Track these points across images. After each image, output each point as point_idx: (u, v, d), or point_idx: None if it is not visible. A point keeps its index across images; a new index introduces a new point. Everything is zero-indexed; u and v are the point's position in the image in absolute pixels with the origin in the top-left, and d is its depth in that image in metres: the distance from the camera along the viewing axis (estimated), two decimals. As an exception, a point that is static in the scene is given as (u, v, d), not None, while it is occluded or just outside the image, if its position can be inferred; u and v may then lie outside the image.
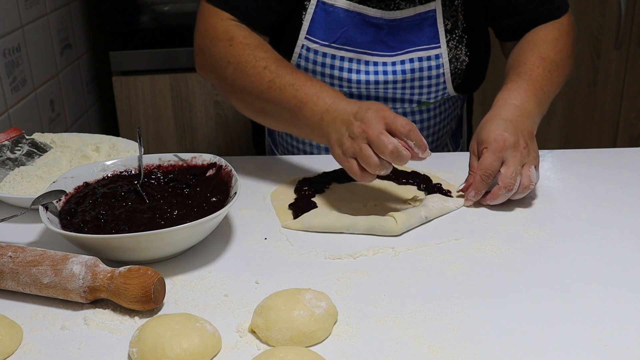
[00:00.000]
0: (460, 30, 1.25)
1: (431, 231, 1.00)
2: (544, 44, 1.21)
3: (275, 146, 1.44)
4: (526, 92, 1.12)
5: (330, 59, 1.24)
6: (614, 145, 2.50)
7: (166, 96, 2.20)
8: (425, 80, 1.26)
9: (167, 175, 1.05)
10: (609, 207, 1.06)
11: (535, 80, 1.14)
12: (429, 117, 1.33)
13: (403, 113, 1.31)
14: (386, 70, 1.25)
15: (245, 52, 1.12)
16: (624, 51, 2.37)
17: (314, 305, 0.77)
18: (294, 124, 1.08)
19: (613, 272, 0.89)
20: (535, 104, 1.12)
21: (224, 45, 1.14)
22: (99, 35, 2.35)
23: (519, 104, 1.10)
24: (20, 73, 1.73)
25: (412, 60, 1.24)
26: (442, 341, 0.76)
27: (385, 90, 1.27)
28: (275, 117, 1.11)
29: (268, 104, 1.09)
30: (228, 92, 1.17)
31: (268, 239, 0.99)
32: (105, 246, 0.87)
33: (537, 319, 0.80)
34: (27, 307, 0.84)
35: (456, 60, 1.26)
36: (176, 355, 0.72)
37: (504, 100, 1.11)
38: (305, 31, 1.23)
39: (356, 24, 1.22)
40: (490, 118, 1.09)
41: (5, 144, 1.16)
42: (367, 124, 0.96)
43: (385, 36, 1.23)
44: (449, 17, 1.24)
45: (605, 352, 0.74)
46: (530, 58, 1.18)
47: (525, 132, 1.06)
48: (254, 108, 1.14)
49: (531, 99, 1.11)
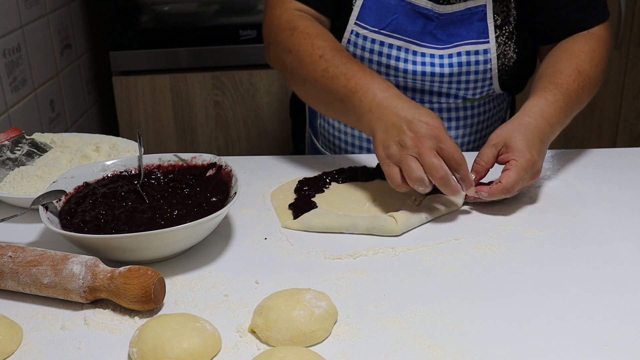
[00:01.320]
0: (511, 26, 1.25)
1: (431, 231, 1.00)
2: (581, 54, 1.18)
3: (317, 137, 1.44)
4: (561, 110, 1.10)
5: (379, 46, 1.24)
6: (614, 145, 2.50)
7: (166, 96, 2.20)
8: (473, 75, 1.26)
9: (167, 175, 1.05)
10: (609, 207, 1.06)
11: (570, 97, 1.12)
12: (473, 115, 1.33)
13: (447, 108, 1.31)
14: (434, 62, 1.25)
15: (304, 41, 1.15)
16: (624, 51, 2.37)
17: (314, 305, 0.77)
18: (344, 113, 1.11)
19: (613, 272, 0.89)
20: (559, 122, 1.11)
21: (286, 35, 1.18)
22: (99, 35, 2.35)
23: (551, 122, 1.08)
24: (20, 73, 1.73)
25: (460, 54, 1.24)
26: (442, 341, 0.76)
27: (432, 83, 1.27)
28: (327, 105, 1.14)
29: (322, 92, 1.12)
30: (289, 80, 1.22)
31: (268, 239, 0.99)
32: (105, 246, 0.87)
33: (537, 318, 0.80)
34: (27, 307, 0.84)
35: (504, 56, 1.25)
36: (176, 355, 0.72)
37: (540, 109, 1.08)
38: (356, 17, 1.24)
39: (406, 13, 1.22)
40: (527, 126, 1.05)
41: (5, 144, 1.16)
42: (421, 141, 0.97)
43: (434, 28, 1.24)
44: (499, 13, 1.24)
45: (605, 352, 0.74)
46: (567, 69, 1.15)
47: (544, 154, 1.07)
48: (310, 95, 1.18)
49: (559, 116, 1.10)
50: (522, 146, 1.02)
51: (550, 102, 1.10)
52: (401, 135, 0.99)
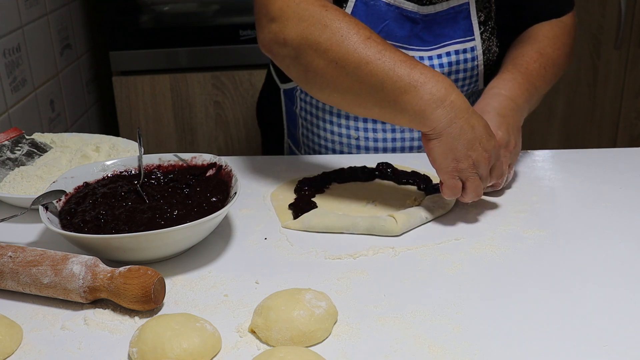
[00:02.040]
0: (493, 21, 1.26)
1: (431, 231, 1.00)
2: (544, 39, 1.22)
3: (298, 147, 1.40)
4: (519, 85, 1.12)
5: None
6: (614, 145, 2.50)
7: (166, 96, 2.20)
8: (462, 74, 1.27)
9: (167, 175, 1.05)
10: (609, 207, 1.06)
11: (530, 75, 1.15)
12: None
13: None
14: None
15: (345, 18, 1.00)
16: (624, 51, 2.37)
17: (314, 305, 0.77)
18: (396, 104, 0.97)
19: (613, 272, 0.89)
20: (526, 99, 1.12)
21: (319, 10, 1.01)
22: (99, 35, 2.35)
23: (511, 97, 1.10)
24: (20, 73, 1.73)
25: (448, 54, 1.24)
26: (442, 341, 0.76)
27: None
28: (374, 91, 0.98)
29: (372, 76, 0.97)
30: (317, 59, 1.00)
31: (268, 239, 0.99)
32: (105, 246, 0.87)
33: (537, 319, 0.80)
34: (27, 307, 0.84)
35: (489, 51, 1.27)
36: (176, 355, 0.72)
37: (497, 89, 1.11)
38: None
39: (396, 18, 1.22)
40: (483, 109, 1.08)
41: (5, 144, 1.16)
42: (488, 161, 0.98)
43: (420, 31, 1.24)
44: (482, 9, 1.25)
45: (605, 352, 0.74)
46: (528, 52, 1.19)
47: (515, 129, 1.07)
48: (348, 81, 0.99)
49: (523, 93, 1.12)
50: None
51: (508, 79, 1.13)
52: (475, 148, 0.95)
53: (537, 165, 1.21)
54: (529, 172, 1.18)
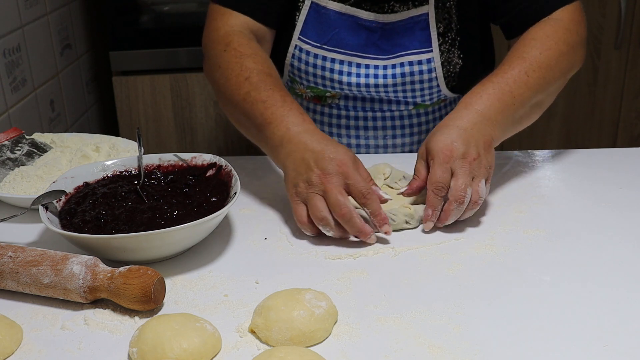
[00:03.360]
0: (454, 33, 1.24)
1: (431, 231, 1.00)
2: (531, 42, 1.14)
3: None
4: (489, 97, 1.05)
5: (321, 60, 1.25)
6: (614, 145, 2.50)
7: (166, 96, 2.20)
8: (418, 84, 1.26)
9: (167, 176, 1.04)
10: (609, 207, 1.06)
11: (505, 84, 1.07)
12: (427, 121, 1.32)
13: (400, 116, 1.31)
14: (377, 73, 1.25)
15: (234, 59, 1.12)
16: (624, 51, 2.37)
17: (314, 305, 0.77)
18: (261, 141, 1.07)
19: (613, 272, 0.89)
20: (498, 110, 1.05)
21: (220, 50, 1.15)
22: (99, 35, 2.35)
23: (480, 109, 1.04)
24: (20, 73, 1.73)
25: (402, 64, 1.23)
26: (442, 341, 0.76)
27: (378, 92, 1.27)
28: (246, 130, 1.11)
29: (242, 116, 1.09)
30: (217, 96, 1.18)
31: (268, 239, 0.99)
32: (105, 246, 0.87)
33: (537, 319, 0.80)
34: (27, 307, 0.84)
35: (449, 63, 1.25)
36: (176, 355, 0.72)
37: (465, 104, 1.06)
38: (299, 32, 1.24)
39: (348, 27, 1.22)
40: (444, 124, 1.03)
41: (5, 144, 1.16)
42: (327, 178, 0.95)
43: (378, 39, 1.23)
44: (441, 20, 1.22)
45: (605, 352, 0.74)
46: (509, 59, 1.12)
47: (480, 141, 1.00)
48: (232, 117, 1.14)
49: (494, 104, 1.05)
50: (436, 143, 1.00)
51: (478, 91, 1.06)
52: (309, 172, 0.96)
53: (537, 165, 1.21)
54: (529, 172, 1.18)
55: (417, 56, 1.23)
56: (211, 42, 1.19)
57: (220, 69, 1.13)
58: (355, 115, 1.31)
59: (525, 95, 1.08)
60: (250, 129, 1.09)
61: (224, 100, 1.14)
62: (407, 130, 1.32)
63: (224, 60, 1.13)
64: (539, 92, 1.11)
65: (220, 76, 1.13)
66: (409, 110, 1.30)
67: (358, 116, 1.31)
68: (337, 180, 0.94)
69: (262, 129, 1.05)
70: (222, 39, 1.17)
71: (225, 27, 1.19)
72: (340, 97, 1.30)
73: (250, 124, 1.08)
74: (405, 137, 1.33)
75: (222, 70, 1.13)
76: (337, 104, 1.31)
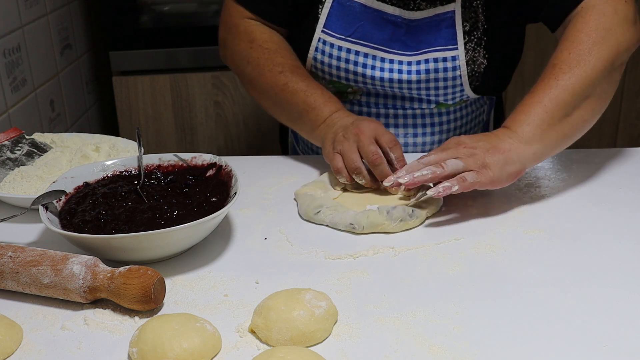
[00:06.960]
0: (480, 32, 1.23)
1: (431, 231, 1.00)
2: (563, 43, 1.11)
3: (297, 143, 1.45)
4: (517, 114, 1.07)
5: (345, 53, 1.25)
6: (614, 145, 2.49)
7: (166, 96, 2.20)
8: (442, 82, 1.25)
9: (167, 176, 1.05)
10: (609, 207, 1.06)
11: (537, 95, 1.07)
12: (449, 120, 1.32)
13: (422, 114, 1.31)
14: (401, 69, 1.24)
15: (264, 55, 1.24)
16: (624, 51, 2.37)
17: (314, 305, 0.77)
18: (299, 123, 1.22)
19: (613, 272, 0.89)
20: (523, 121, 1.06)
21: (245, 47, 1.27)
22: (99, 35, 2.35)
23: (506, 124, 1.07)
24: (20, 73, 1.73)
25: (427, 60, 1.23)
26: (442, 341, 0.76)
27: (401, 89, 1.26)
28: (284, 115, 1.26)
29: (281, 103, 1.23)
30: (247, 86, 1.31)
31: (268, 239, 0.99)
32: (105, 246, 0.87)
33: (537, 319, 0.80)
34: (27, 307, 0.84)
35: (473, 62, 1.24)
36: (176, 355, 0.72)
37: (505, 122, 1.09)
38: (322, 24, 1.25)
39: (373, 20, 1.22)
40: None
41: (5, 144, 1.16)
42: (361, 130, 1.10)
43: (403, 35, 1.23)
44: (468, 19, 1.22)
45: (605, 352, 0.74)
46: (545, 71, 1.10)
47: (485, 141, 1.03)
48: (268, 104, 1.28)
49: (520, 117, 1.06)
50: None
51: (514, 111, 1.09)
52: (346, 130, 1.11)
53: (537, 165, 1.21)
54: (530, 172, 1.18)
55: (442, 53, 1.23)
56: (233, 38, 1.29)
57: (250, 65, 1.26)
58: (377, 112, 1.31)
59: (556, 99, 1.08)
60: (291, 114, 1.23)
61: (258, 91, 1.27)
62: (428, 129, 1.32)
63: (253, 57, 1.25)
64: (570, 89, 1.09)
65: (252, 71, 1.26)
66: (431, 109, 1.30)
67: (379, 113, 1.31)
68: (370, 132, 1.09)
69: (304, 113, 1.20)
70: (245, 35, 1.27)
71: (243, 23, 1.28)
72: (362, 94, 1.30)
73: (290, 109, 1.22)
74: (426, 136, 1.32)
75: (253, 66, 1.25)
76: (358, 100, 1.31)
